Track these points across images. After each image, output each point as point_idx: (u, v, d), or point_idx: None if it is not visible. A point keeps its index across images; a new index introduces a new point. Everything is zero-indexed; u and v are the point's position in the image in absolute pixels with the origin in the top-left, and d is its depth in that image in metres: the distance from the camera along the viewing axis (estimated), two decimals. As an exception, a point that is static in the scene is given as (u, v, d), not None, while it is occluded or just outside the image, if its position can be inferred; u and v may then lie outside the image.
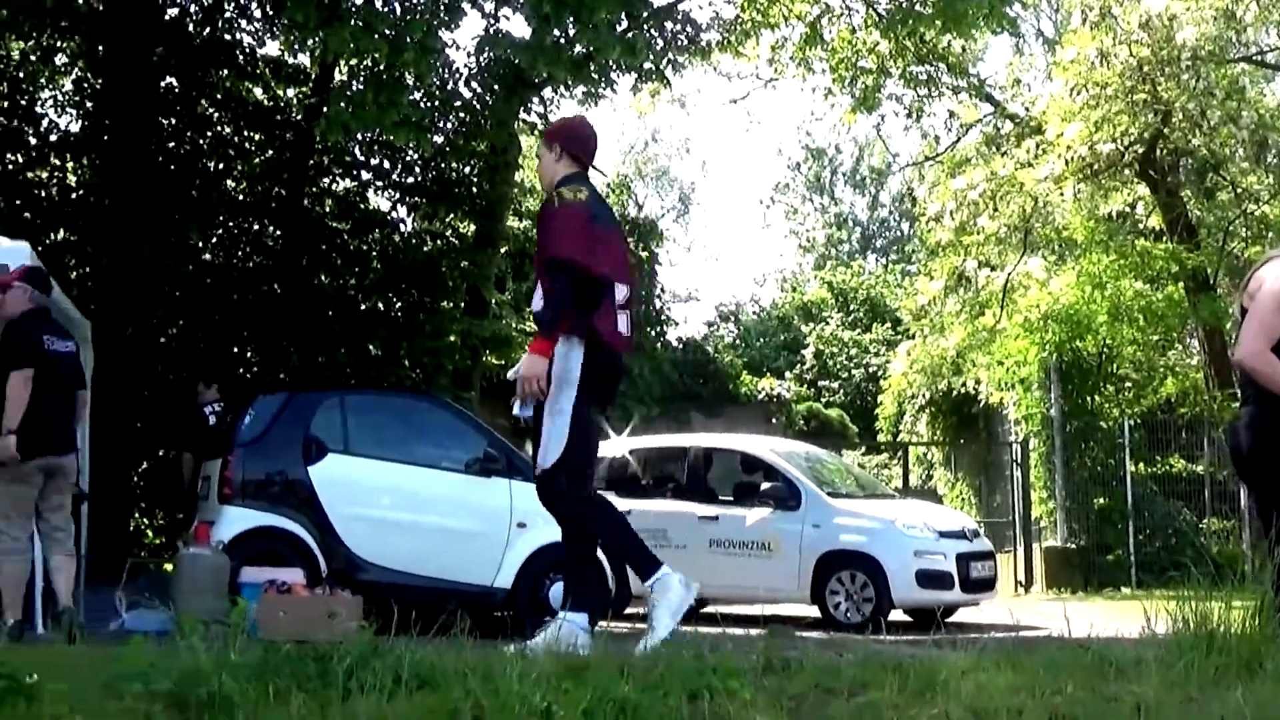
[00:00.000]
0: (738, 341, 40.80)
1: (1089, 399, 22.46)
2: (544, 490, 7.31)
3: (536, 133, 20.22)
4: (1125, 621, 6.45)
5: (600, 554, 8.48)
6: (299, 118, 20.34)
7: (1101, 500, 21.78)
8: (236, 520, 12.44)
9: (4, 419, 9.40)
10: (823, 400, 35.05)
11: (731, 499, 16.36)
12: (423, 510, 12.69)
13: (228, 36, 20.24)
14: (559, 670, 5.50)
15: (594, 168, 7.65)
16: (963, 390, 25.57)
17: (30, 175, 19.80)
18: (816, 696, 5.60)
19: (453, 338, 18.95)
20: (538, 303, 7.28)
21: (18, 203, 19.18)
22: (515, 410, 7.30)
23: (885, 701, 5.44)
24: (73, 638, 8.65)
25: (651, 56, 17.40)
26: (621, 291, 7.24)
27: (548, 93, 19.66)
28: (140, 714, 4.85)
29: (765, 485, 15.93)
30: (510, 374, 7.44)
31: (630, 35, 15.90)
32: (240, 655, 5.21)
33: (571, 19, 15.02)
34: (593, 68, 17.53)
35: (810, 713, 5.47)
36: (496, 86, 18.83)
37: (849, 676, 5.69)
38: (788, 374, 36.40)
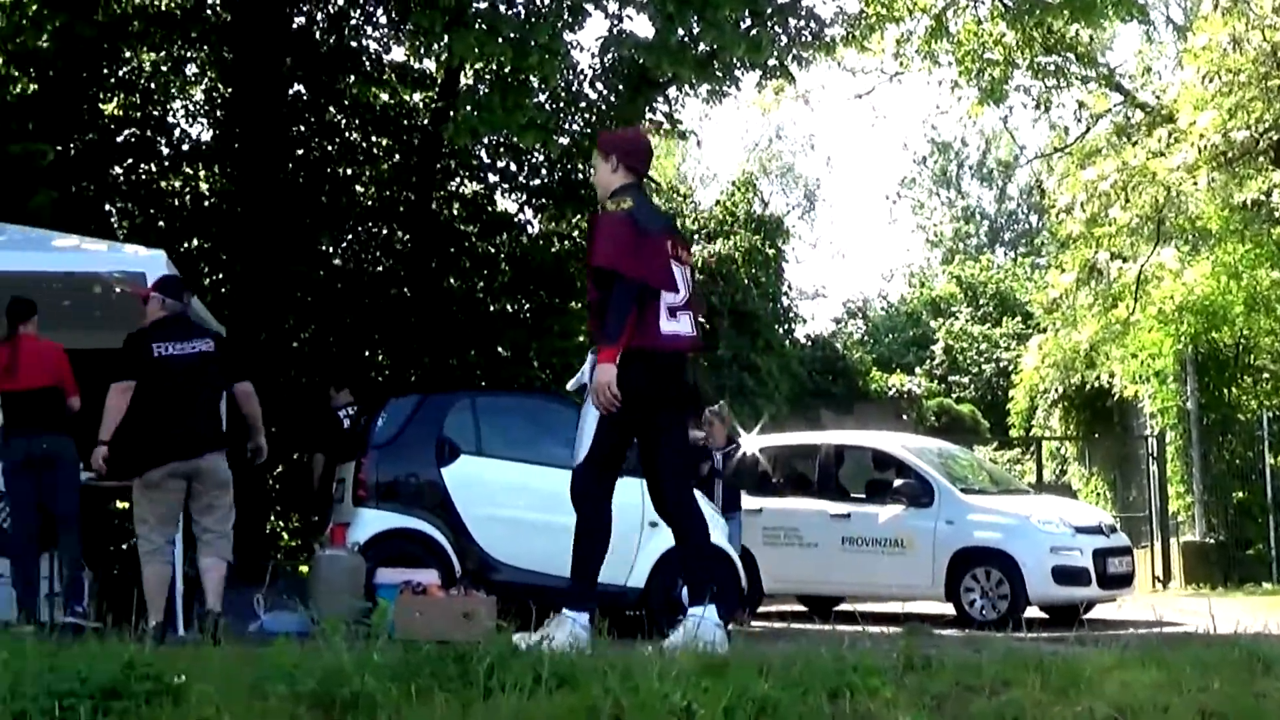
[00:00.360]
0: (866, 338, 40.60)
1: (1226, 391, 22.09)
2: (573, 485, 7.80)
3: (661, 132, 20.25)
4: (1269, 617, 6.35)
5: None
6: (426, 122, 20.50)
7: (1240, 494, 21.42)
8: (371, 522, 12.56)
9: (101, 430, 9.59)
10: (953, 396, 34.77)
11: (863, 496, 16.28)
12: (555, 510, 12.58)
13: (354, 43, 20.45)
14: (698, 668, 5.51)
15: (648, 178, 7.97)
16: (1096, 384, 25.23)
17: (163, 184, 20.13)
18: (958, 694, 5.56)
19: (581, 338, 19.00)
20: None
21: (152, 212, 19.53)
22: (569, 385, 7.94)
23: (1028, 699, 5.39)
24: (216, 640, 8.79)
25: (776, 53, 17.31)
26: (674, 295, 7.50)
27: (672, 91, 19.66)
28: (285, 714, 4.92)
29: (897, 482, 15.83)
30: (570, 384, 7.94)
31: (754, 32, 15.86)
32: (381, 656, 5.29)
33: (695, 17, 15.00)
34: (717, 66, 17.49)
35: (953, 711, 5.43)
36: (621, 87, 18.84)
37: (990, 674, 5.64)
38: (917, 370, 36.14)
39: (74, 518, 10.72)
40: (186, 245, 18.39)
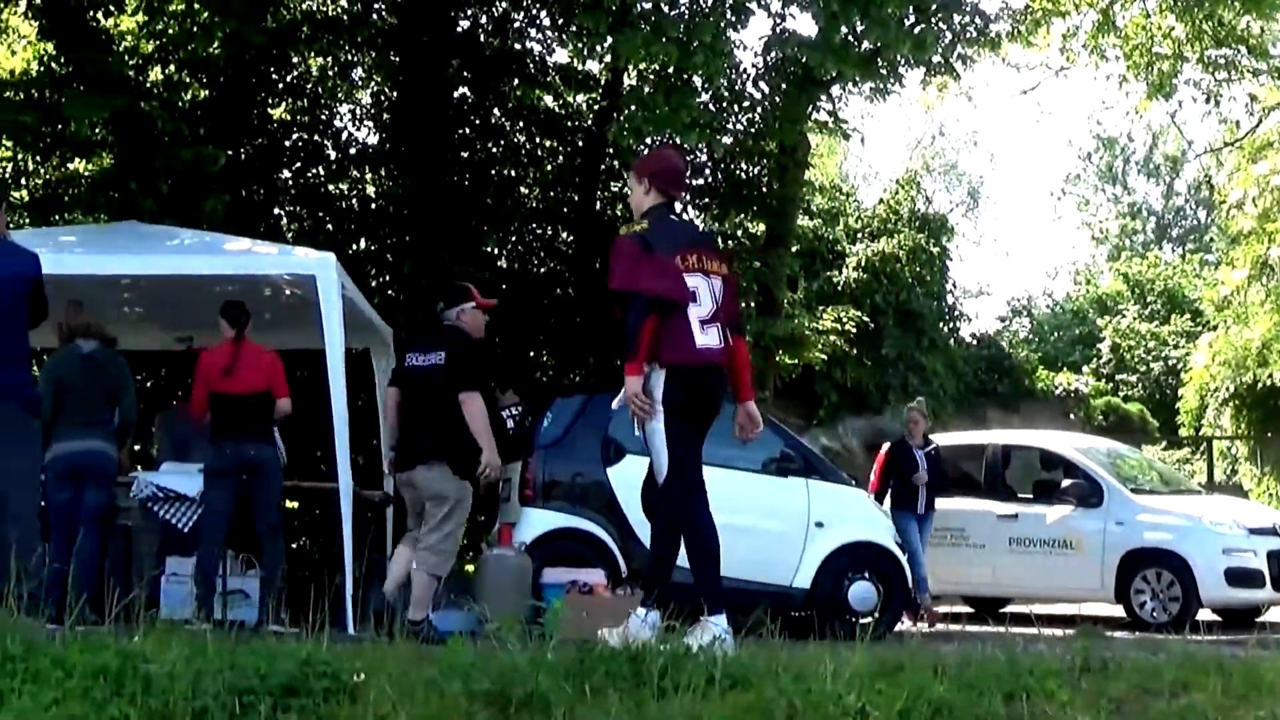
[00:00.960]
0: (1031, 336, 40.07)
1: (1404, 389, 21.50)
2: (663, 500, 8.15)
3: (824, 131, 20.15)
4: None
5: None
6: (590, 123, 20.58)
7: None
8: (538, 522, 12.66)
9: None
10: (1121, 394, 34.18)
11: (1031, 496, 16.07)
12: (720, 510, 12.52)
13: (518, 46, 20.58)
14: (872, 670, 5.46)
15: (679, 199, 8.63)
16: (1269, 382, 24.68)
17: (331, 188, 20.42)
18: (1137, 698, 5.46)
19: (746, 338, 18.93)
20: None
21: (321, 215, 19.80)
22: (614, 404, 8.16)
23: (1209, 704, 5.28)
24: (392, 636, 8.88)
25: (940, 50, 17.17)
26: (701, 308, 7.79)
27: (835, 89, 19.55)
28: (461, 712, 4.96)
29: (1066, 482, 15.62)
30: (615, 403, 8.15)
31: (919, 29, 15.73)
32: (555, 655, 5.30)
33: (860, 15, 14.91)
34: (881, 63, 17.38)
35: (1131, 714, 5.33)
36: (785, 85, 18.78)
37: (1169, 678, 5.53)
38: (1084, 368, 35.58)
39: (278, 523, 10.98)
40: (354, 248, 18.62)
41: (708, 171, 20.72)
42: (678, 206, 8.63)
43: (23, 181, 19.18)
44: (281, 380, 11.22)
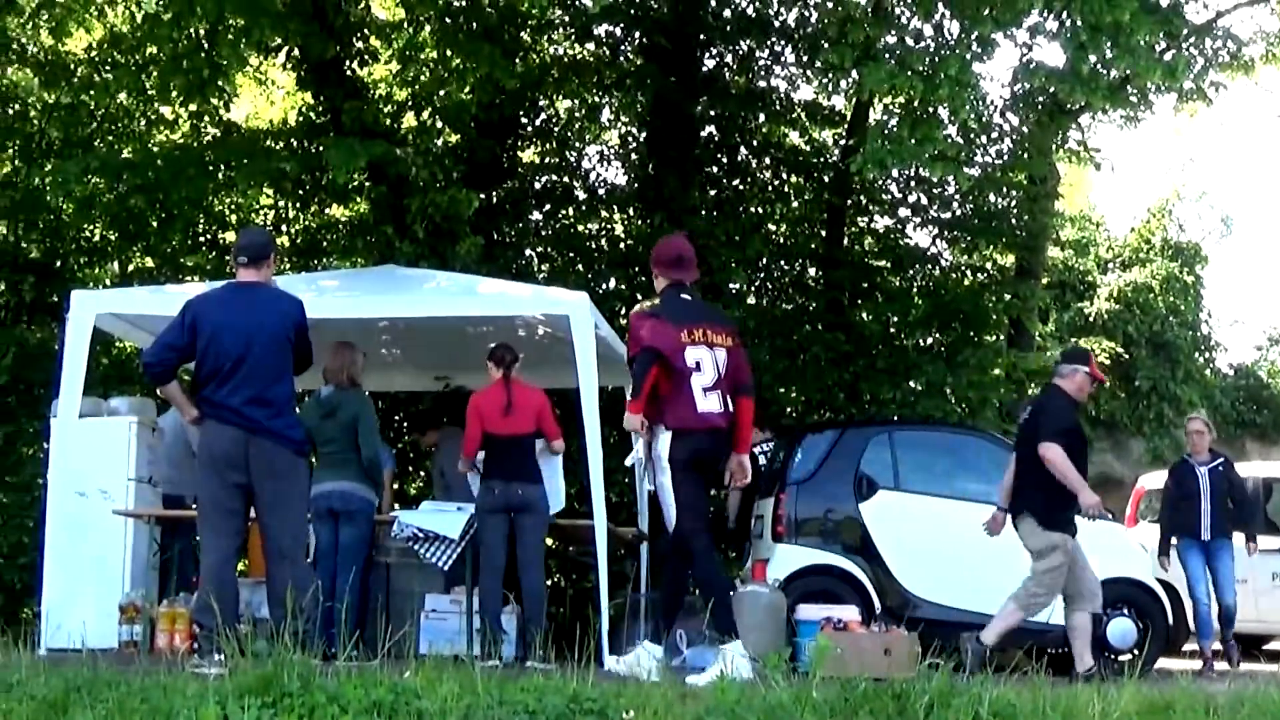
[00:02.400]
0: (1290, 366, 38.81)
1: None
2: (674, 547, 9.36)
3: (1074, 160, 19.83)
4: None
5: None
6: (835, 158, 20.53)
7: None
8: (791, 558, 12.63)
9: None
10: (1387, 426, 32.90)
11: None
12: (975, 546, 12.53)
13: (763, 83, 20.64)
14: (1142, 709, 5.35)
15: (688, 279, 9.77)
16: None
17: (581, 228, 20.67)
18: None
19: (997, 371, 18.70)
20: None
21: (571, 255, 20.04)
22: (626, 462, 9.81)
23: None
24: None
25: (1191, 76, 16.76)
26: (703, 378, 9.15)
27: (1084, 119, 19.24)
28: (727, 749, 4.99)
29: (1330, 516, 15.11)
30: (628, 460, 9.75)
31: (1170, 56, 15.37)
32: (820, 692, 5.29)
33: (1109, 44, 14.63)
34: (1130, 91, 17.05)
35: None
36: (1033, 116, 18.56)
37: None
38: (1351, 399, 34.31)
39: (538, 560, 11.14)
40: (604, 286, 18.80)
41: (955, 204, 20.53)
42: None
43: (283, 228, 19.83)
44: (550, 420, 11.43)
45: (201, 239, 19.86)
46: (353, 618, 10.25)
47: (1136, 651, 12.13)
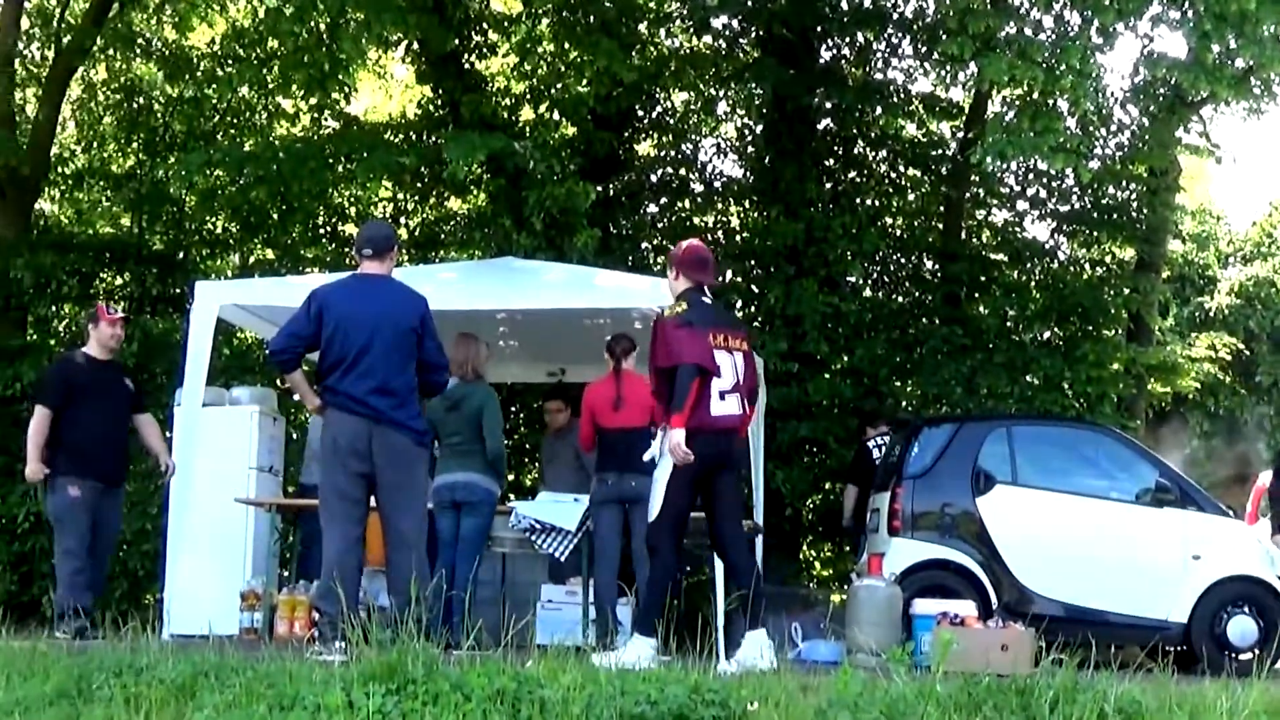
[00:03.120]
0: None
1: None
2: (650, 536, 9.62)
3: (1195, 153, 19.54)
4: None
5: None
6: (953, 151, 20.39)
7: None
8: (907, 552, 12.53)
9: None
10: None
11: None
12: (1093, 542, 12.42)
13: (880, 75, 20.54)
14: (1271, 708, 5.28)
15: (708, 283, 9.78)
16: None
17: (697, 221, 20.68)
18: None
19: (1116, 366, 18.48)
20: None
21: (686, 248, 20.04)
22: (645, 458, 9.84)
23: None
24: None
25: (1318, 66, 16.44)
26: (722, 382, 9.32)
27: (1206, 110, 18.96)
28: (850, 742, 4.98)
29: None
30: (646, 456, 9.81)
31: (1296, 45, 15.08)
32: (943, 687, 5.26)
33: (1233, 33, 14.39)
34: (1255, 83, 16.77)
35: None
36: (1154, 108, 18.32)
37: None
38: None
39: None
40: (723, 279, 18.79)
41: (1075, 197, 20.33)
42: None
43: (402, 220, 20.00)
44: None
45: (321, 231, 20.09)
46: (460, 607, 10.28)
47: (1258, 650, 11.95)
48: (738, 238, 20.20)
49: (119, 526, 12.06)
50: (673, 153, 21.30)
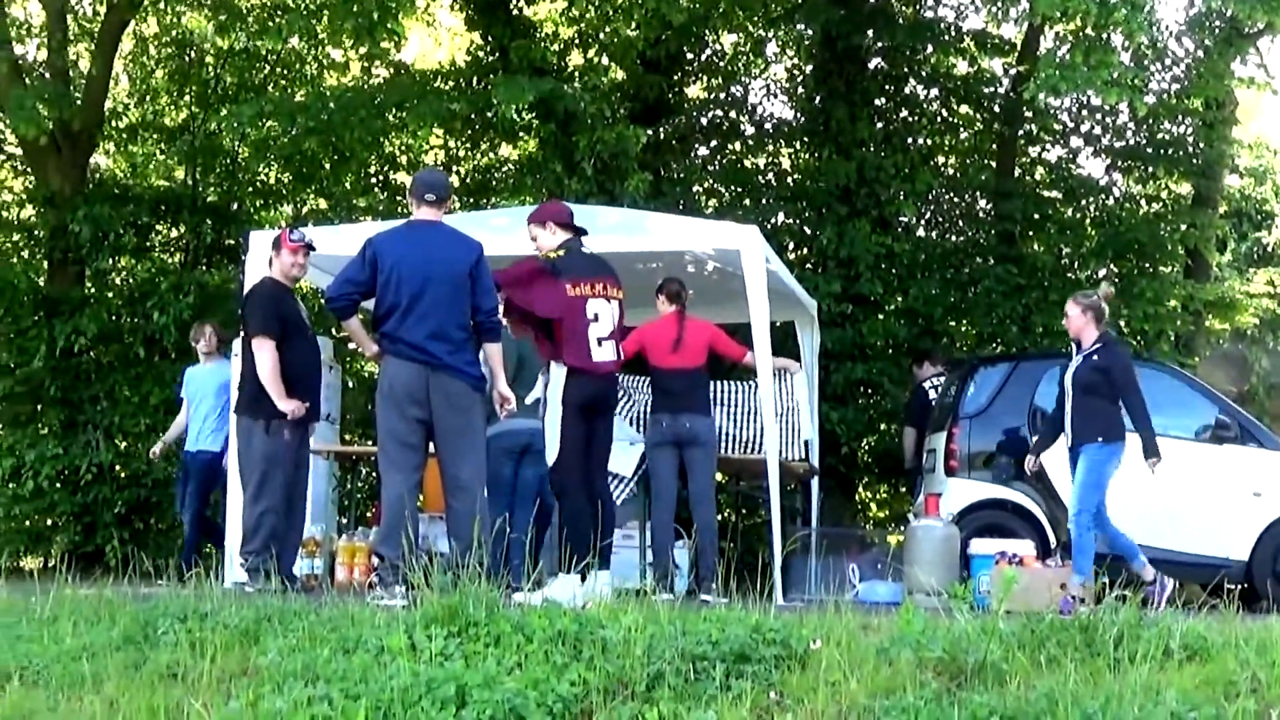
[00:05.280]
0: None
1: None
2: (551, 480, 9.82)
3: (1252, 85, 19.30)
4: None
5: None
6: (1005, 88, 20.23)
7: None
8: (964, 492, 12.51)
9: None
10: None
11: None
12: (1153, 480, 12.34)
13: (931, 13, 20.36)
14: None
15: (580, 232, 9.98)
16: None
17: (749, 163, 20.59)
18: None
19: (1173, 303, 18.33)
20: None
21: (738, 189, 20.00)
22: (527, 400, 10.47)
23: None
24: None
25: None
26: (599, 328, 9.59)
27: (1264, 42, 18.70)
28: (912, 679, 4.95)
29: None
30: (528, 399, 10.52)
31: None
32: (1005, 625, 5.24)
33: (1289, -43, 14.19)
34: (1314, 11, 16.52)
35: None
36: (1209, 40, 18.08)
37: None
38: None
39: (709, 494, 11.08)
40: (772, 221, 18.75)
41: (1129, 132, 20.14)
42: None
43: (453, 168, 19.99)
44: (729, 343, 11.38)
45: (373, 180, 20.11)
46: (520, 551, 10.24)
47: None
48: (789, 179, 20.12)
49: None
50: (723, 95, 21.22)
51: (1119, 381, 10.98)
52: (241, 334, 10.72)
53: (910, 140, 19.67)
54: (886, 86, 19.93)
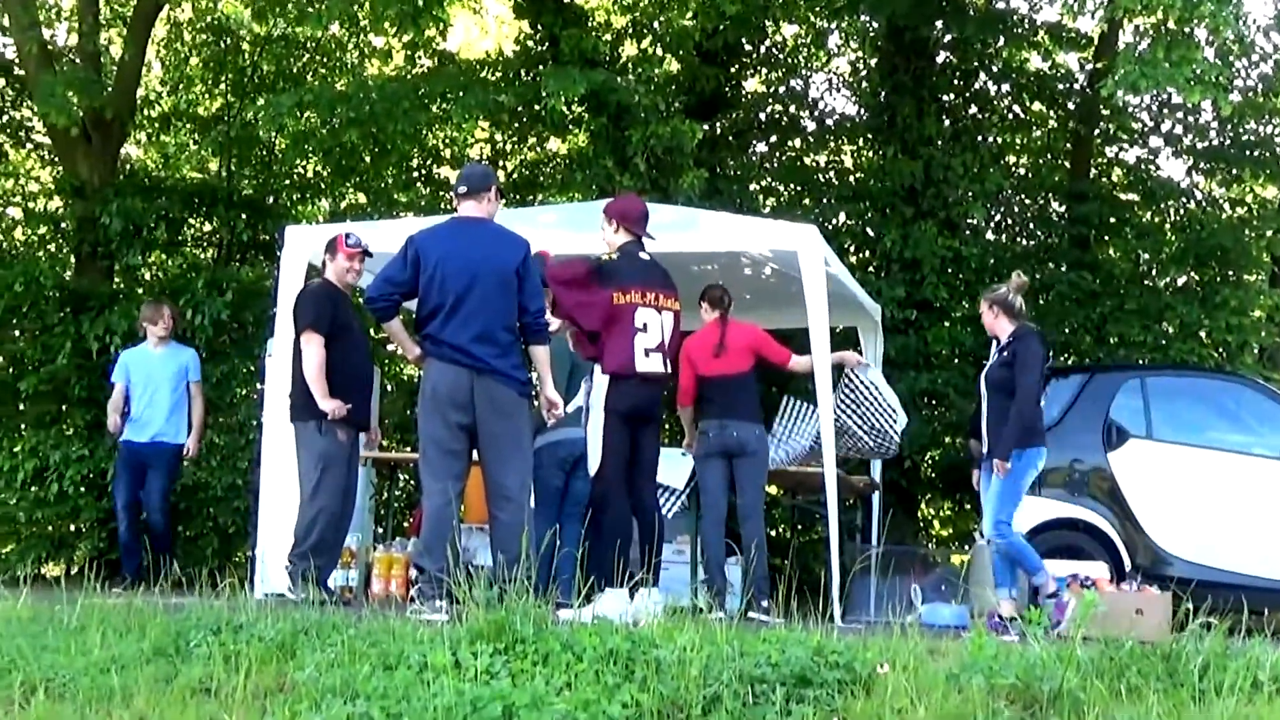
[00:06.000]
0: None
1: None
2: (592, 491, 9.94)
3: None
4: None
5: None
6: (1081, 84, 20.12)
7: None
8: (1034, 510, 12.38)
9: None
10: None
11: None
12: (1234, 501, 12.24)
13: (1002, 4, 20.25)
14: None
15: (647, 235, 10.02)
16: None
17: (809, 160, 20.56)
18: None
19: (1258, 313, 18.19)
20: None
21: (798, 188, 19.98)
22: (569, 408, 10.29)
23: None
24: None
25: None
26: (647, 339, 9.69)
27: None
28: (984, 707, 4.91)
29: None
30: (570, 407, 10.33)
31: None
32: (1083, 651, 5.19)
33: (1387, -47, 14.08)
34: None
35: None
36: (1299, 38, 17.98)
37: None
38: None
39: (757, 507, 11.02)
40: (833, 222, 18.69)
41: (1213, 132, 20.00)
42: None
43: (499, 162, 20.01)
44: (774, 346, 11.34)
45: (415, 174, 20.15)
46: (572, 567, 10.17)
47: None
48: (851, 178, 20.08)
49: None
50: (782, 89, 21.19)
51: (1017, 364, 10.60)
52: (274, 336, 10.76)
53: (980, 138, 19.58)
54: (955, 81, 19.84)
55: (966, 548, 13.96)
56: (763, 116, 20.86)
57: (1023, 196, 20.42)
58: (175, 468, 13.42)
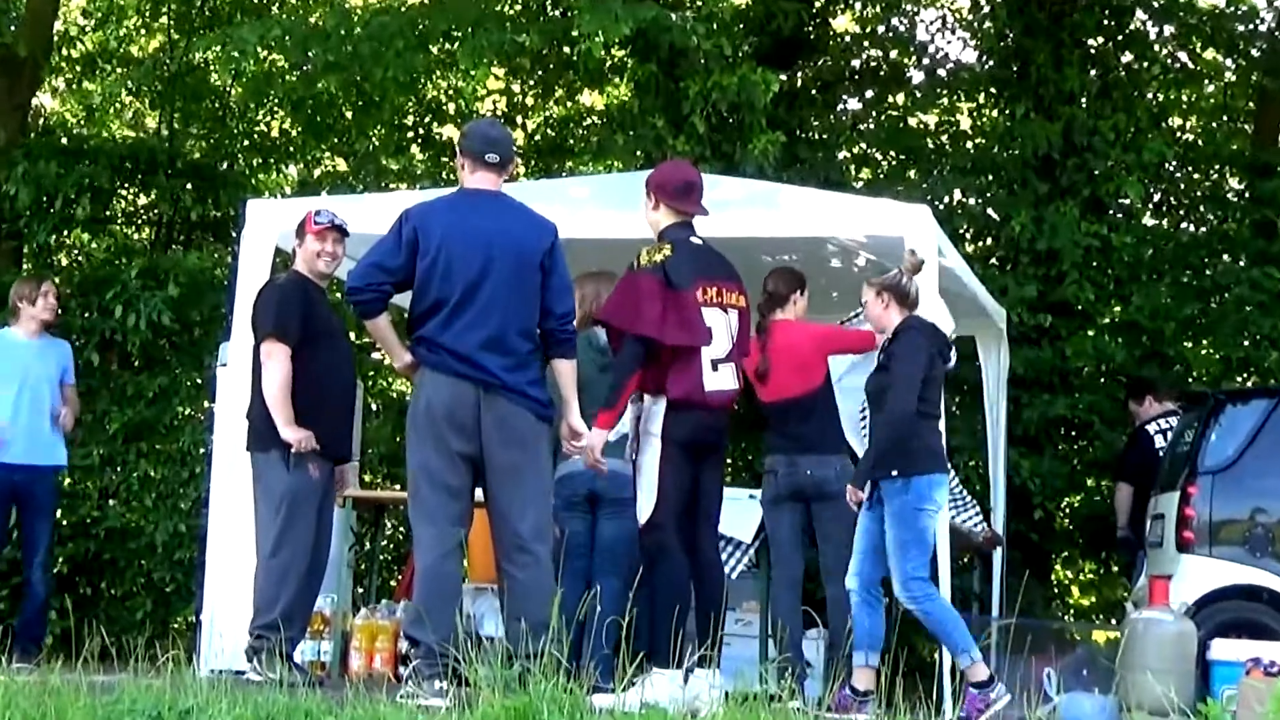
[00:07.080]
0: None
1: None
2: (643, 541, 9.51)
3: None
4: None
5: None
6: (1269, 26, 20.06)
7: None
8: (1204, 574, 12.32)
9: None
10: None
11: None
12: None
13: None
14: None
15: (700, 211, 9.65)
16: None
17: (914, 121, 20.60)
18: None
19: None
20: None
21: (900, 157, 20.01)
22: (610, 438, 9.66)
23: None
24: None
25: None
26: (714, 350, 9.42)
27: None
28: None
29: None
30: (611, 436, 9.65)
31: None
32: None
33: None
34: None
35: None
36: None
37: None
38: None
39: (846, 563, 10.93)
40: (946, 200, 18.64)
41: None
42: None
43: (518, 120, 20.06)
44: (841, 336, 11.40)
45: (411, 135, 20.21)
46: (612, 637, 10.08)
47: None
48: (969, 144, 20.11)
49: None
50: (881, 29, 21.19)
51: (894, 360, 10.23)
52: (228, 340, 10.78)
53: (1136, 95, 19.54)
54: (1105, 22, 19.76)
55: (1115, 622, 13.92)
56: (856, 65, 20.88)
57: (1190, 170, 20.38)
58: (53, 502, 13.14)
